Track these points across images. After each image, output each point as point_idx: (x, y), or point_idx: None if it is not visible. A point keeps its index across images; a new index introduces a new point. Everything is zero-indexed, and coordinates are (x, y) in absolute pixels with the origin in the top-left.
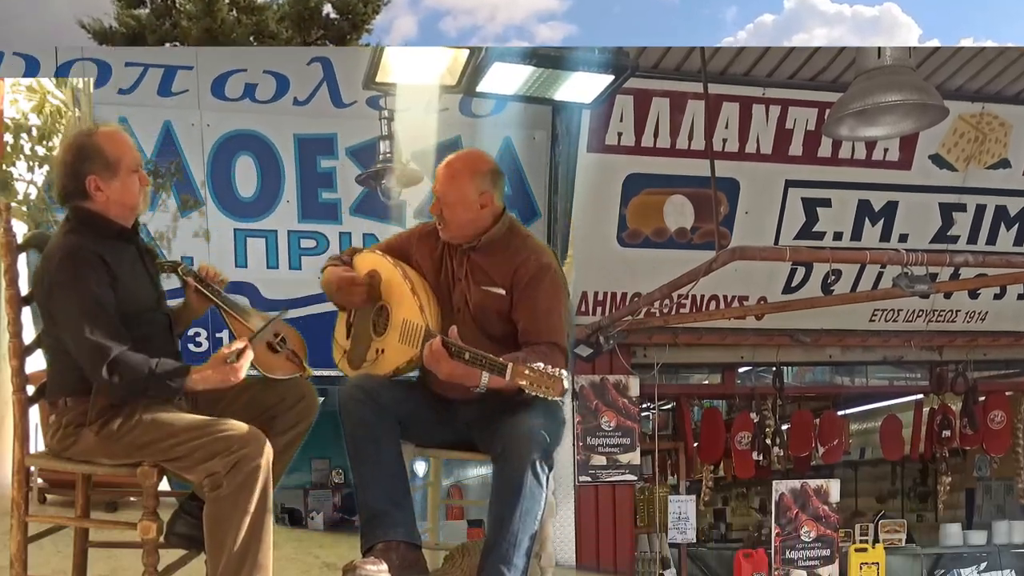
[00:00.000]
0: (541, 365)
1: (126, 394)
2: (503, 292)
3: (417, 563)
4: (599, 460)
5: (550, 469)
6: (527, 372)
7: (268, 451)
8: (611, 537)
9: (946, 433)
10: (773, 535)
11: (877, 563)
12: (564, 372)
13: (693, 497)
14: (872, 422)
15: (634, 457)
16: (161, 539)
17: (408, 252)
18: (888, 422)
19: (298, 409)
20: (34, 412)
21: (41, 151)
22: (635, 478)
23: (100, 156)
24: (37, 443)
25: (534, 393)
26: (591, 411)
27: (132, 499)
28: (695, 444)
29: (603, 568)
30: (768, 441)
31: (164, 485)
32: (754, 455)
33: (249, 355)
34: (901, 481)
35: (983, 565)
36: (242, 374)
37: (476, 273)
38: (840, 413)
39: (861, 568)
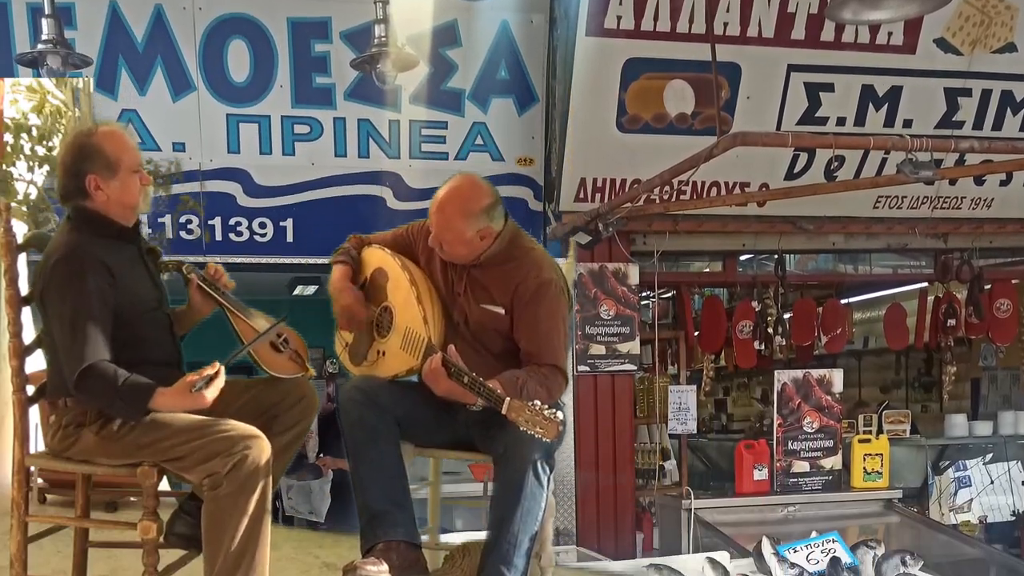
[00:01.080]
0: (538, 404)
1: (91, 405)
2: (503, 311)
3: (417, 563)
4: (598, 349)
5: (551, 469)
6: (525, 410)
7: (268, 451)
8: (610, 428)
9: (951, 322)
10: (775, 426)
11: (881, 454)
12: (560, 414)
13: (694, 387)
14: (876, 311)
15: (633, 346)
16: (161, 539)
17: (414, 249)
18: (892, 311)
19: (299, 409)
20: (34, 412)
21: (41, 151)
22: (634, 368)
23: (100, 156)
24: (37, 443)
25: (528, 431)
26: (590, 300)
27: (132, 499)
28: (696, 333)
29: (602, 457)
30: (770, 330)
31: (164, 485)
32: (756, 344)
33: (220, 382)
34: (905, 371)
35: (988, 456)
36: (210, 400)
37: (475, 290)
38: (843, 302)
39: (865, 459)
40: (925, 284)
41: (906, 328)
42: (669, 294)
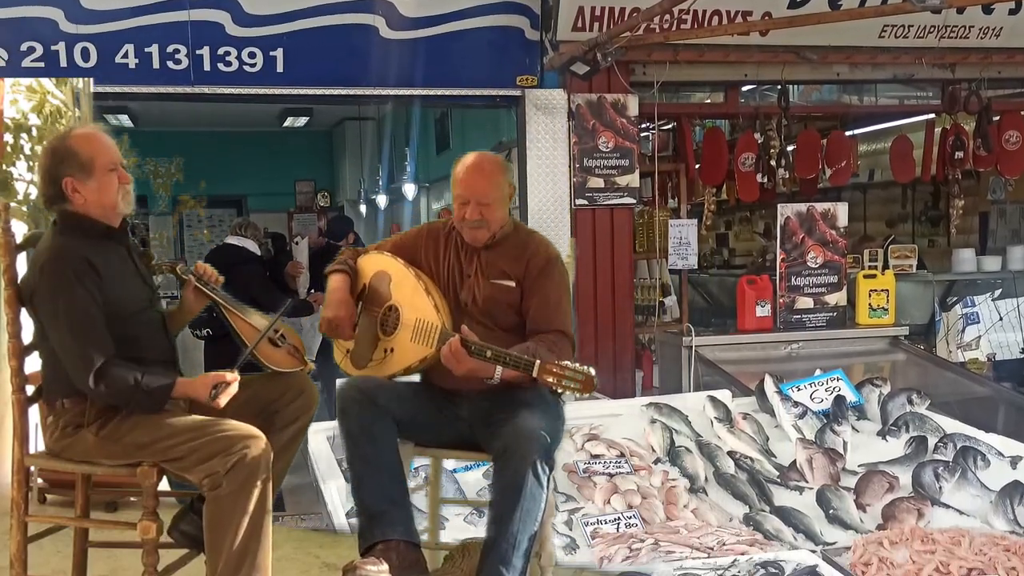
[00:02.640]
0: (568, 363)
1: (111, 403)
2: (514, 284)
3: (417, 563)
4: (596, 183)
5: (551, 469)
6: (555, 369)
7: (268, 451)
8: (609, 263)
9: (959, 154)
10: (778, 261)
11: (887, 290)
12: (592, 370)
13: (694, 221)
14: (881, 143)
15: (633, 179)
16: (161, 539)
17: (416, 253)
18: (898, 143)
19: (299, 404)
20: (34, 412)
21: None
22: (634, 201)
23: (74, 158)
24: (37, 443)
25: (560, 390)
26: (588, 131)
27: (132, 499)
28: (696, 166)
29: (600, 293)
30: (773, 163)
31: (164, 485)
32: (758, 177)
33: (233, 390)
34: (912, 204)
35: (997, 292)
36: (222, 406)
37: (487, 268)
38: (848, 133)
39: (870, 295)
40: (932, 115)
41: (912, 160)
42: (669, 126)
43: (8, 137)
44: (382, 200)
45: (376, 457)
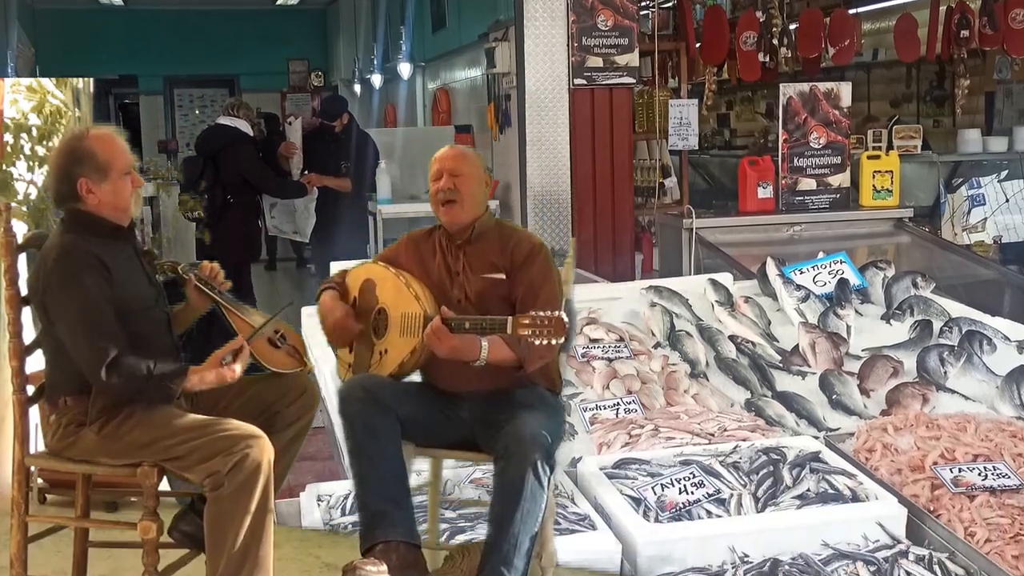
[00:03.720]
0: (539, 312)
1: (124, 395)
2: (503, 276)
3: (417, 563)
4: (595, 62)
5: (552, 470)
6: (526, 322)
7: (269, 450)
8: (608, 144)
9: (964, 33)
10: (780, 141)
11: (891, 171)
12: (563, 313)
13: (695, 101)
14: (886, 21)
15: (632, 58)
16: (162, 539)
17: (398, 260)
18: (903, 21)
19: (300, 403)
20: (34, 412)
21: (41, 151)
22: (633, 81)
23: (91, 159)
24: (37, 443)
25: (538, 341)
26: (586, 9)
27: (132, 499)
28: (697, 45)
29: (599, 175)
30: (775, 41)
31: (164, 485)
32: (760, 56)
33: (246, 354)
34: (916, 84)
35: (1004, 173)
36: (239, 373)
37: (474, 263)
38: (852, 11)
39: (874, 176)
40: None
41: (917, 39)
42: (669, 4)
43: (8, 137)
44: (377, 80)
45: (379, 455)
